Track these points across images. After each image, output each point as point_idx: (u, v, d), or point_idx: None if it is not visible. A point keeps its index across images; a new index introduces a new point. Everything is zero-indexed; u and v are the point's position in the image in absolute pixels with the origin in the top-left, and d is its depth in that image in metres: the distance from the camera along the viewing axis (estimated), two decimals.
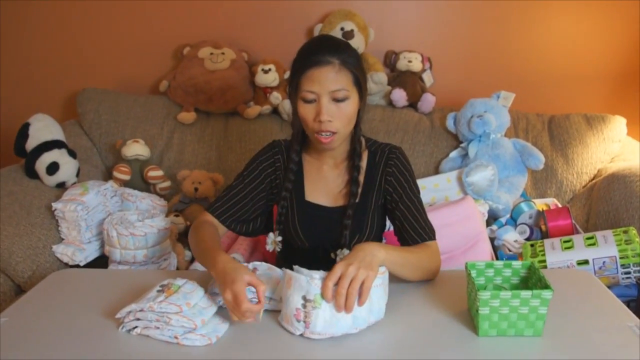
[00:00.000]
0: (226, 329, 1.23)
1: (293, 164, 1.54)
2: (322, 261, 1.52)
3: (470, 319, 1.25)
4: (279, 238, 1.56)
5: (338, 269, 1.18)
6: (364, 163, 1.55)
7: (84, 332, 1.22)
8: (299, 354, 1.15)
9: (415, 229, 1.46)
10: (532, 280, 1.27)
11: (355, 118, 1.47)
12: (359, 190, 1.53)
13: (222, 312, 1.28)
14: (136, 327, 1.21)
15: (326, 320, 1.18)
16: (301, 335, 1.20)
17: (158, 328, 1.19)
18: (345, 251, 1.50)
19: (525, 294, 1.13)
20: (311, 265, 1.26)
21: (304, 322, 1.19)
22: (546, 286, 1.16)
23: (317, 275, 1.20)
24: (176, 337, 1.17)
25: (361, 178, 1.54)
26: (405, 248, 1.42)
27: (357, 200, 1.52)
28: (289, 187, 1.55)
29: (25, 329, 1.24)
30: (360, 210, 1.53)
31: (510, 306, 1.14)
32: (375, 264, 1.21)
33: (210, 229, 1.46)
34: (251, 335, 1.22)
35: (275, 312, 1.28)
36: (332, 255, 1.54)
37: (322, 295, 1.17)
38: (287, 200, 1.57)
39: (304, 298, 1.18)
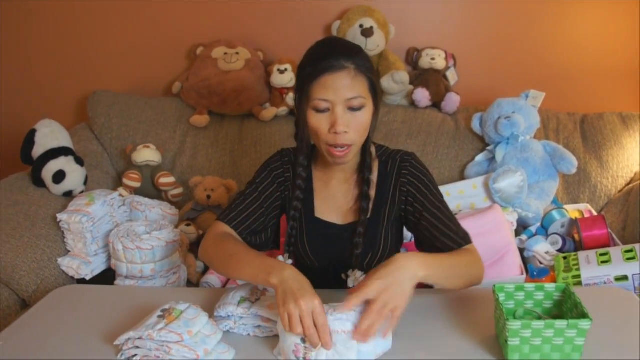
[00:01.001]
0: (232, 359, 1.17)
1: (301, 180, 1.45)
2: (333, 282, 1.45)
3: (498, 347, 1.17)
4: (290, 261, 1.46)
5: (372, 291, 1.10)
6: (374, 175, 1.45)
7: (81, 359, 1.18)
8: None
9: (448, 237, 1.36)
10: (567, 305, 1.18)
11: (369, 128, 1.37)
12: (370, 205, 1.44)
13: (227, 339, 1.21)
14: (136, 355, 1.15)
15: (328, 356, 1.09)
16: None
17: (158, 357, 1.13)
18: (358, 273, 1.41)
19: (561, 324, 1.05)
20: (321, 286, 1.19)
21: (304, 358, 1.11)
22: (583, 314, 1.07)
23: None
24: None
25: (372, 191, 1.44)
26: (446, 256, 1.31)
27: (368, 217, 1.43)
28: (297, 205, 1.46)
29: (22, 353, 1.21)
30: (373, 227, 1.44)
31: (544, 337, 1.06)
32: (411, 290, 1.14)
33: (237, 240, 1.37)
34: None
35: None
36: (343, 276, 1.45)
37: (343, 307, 1.09)
38: (296, 220, 1.48)
39: None
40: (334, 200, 1.48)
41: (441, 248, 1.37)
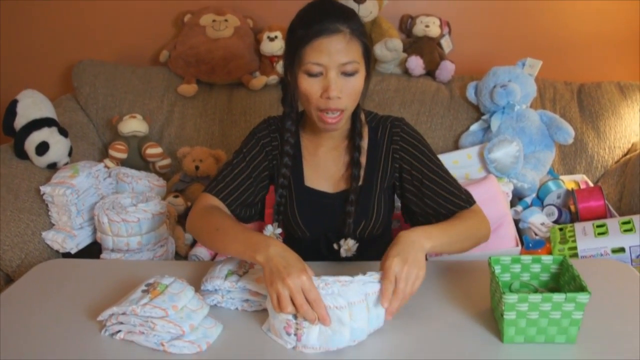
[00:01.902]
0: (219, 334, 1.14)
1: (289, 146, 1.41)
2: (325, 253, 1.43)
3: (493, 321, 1.14)
4: (279, 230, 1.43)
5: (395, 269, 1.10)
6: (364, 141, 1.42)
7: (65, 336, 1.15)
8: None
9: (451, 201, 1.36)
10: (565, 277, 1.15)
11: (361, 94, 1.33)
12: (362, 172, 1.41)
13: (214, 313, 1.18)
14: (120, 331, 1.13)
15: (321, 332, 1.06)
16: (293, 349, 1.09)
17: (143, 333, 1.10)
18: (351, 242, 1.39)
19: (558, 297, 1.02)
20: (313, 258, 1.18)
21: (295, 334, 1.07)
22: (581, 287, 1.05)
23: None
24: (162, 344, 1.09)
25: (362, 158, 1.41)
26: (449, 223, 1.30)
27: (360, 184, 1.41)
28: (286, 173, 1.43)
29: (2, 329, 1.17)
30: (365, 195, 1.42)
31: (541, 311, 1.04)
32: (424, 260, 1.14)
33: (223, 213, 1.33)
34: (247, 339, 1.13)
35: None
36: (335, 246, 1.42)
37: (383, 300, 1.09)
38: (285, 188, 1.44)
39: None
40: (324, 168, 1.45)
41: (446, 214, 1.36)
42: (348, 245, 1.38)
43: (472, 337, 1.10)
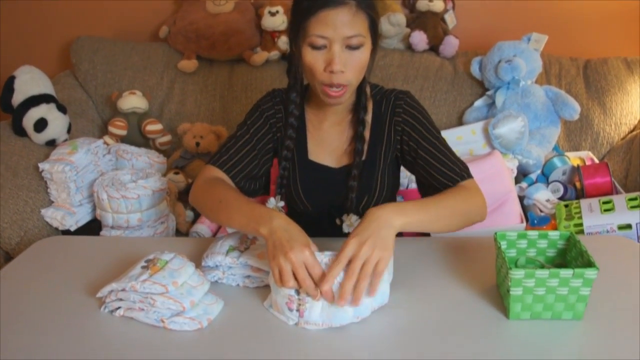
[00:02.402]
0: (220, 310, 1.12)
1: (294, 118, 1.39)
2: (328, 228, 1.40)
3: (499, 298, 1.12)
4: (281, 203, 1.41)
5: (350, 249, 1.04)
6: (368, 116, 1.40)
7: (64, 313, 1.13)
8: (302, 338, 1.04)
9: (443, 173, 1.31)
10: (572, 253, 1.13)
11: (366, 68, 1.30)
12: (365, 147, 1.38)
13: (215, 289, 1.16)
14: (119, 307, 1.11)
15: (323, 308, 1.04)
16: (295, 325, 1.07)
17: (143, 310, 1.09)
18: (353, 217, 1.37)
19: (566, 272, 1.00)
20: (316, 233, 1.15)
21: (298, 310, 1.05)
22: (589, 263, 1.02)
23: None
24: (162, 321, 1.07)
25: (366, 133, 1.39)
26: (432, 199, 1.24)
27: (363, 158, 1.38)
28: (290, 145, 1.40)
29: (1, 307, 1.16)
30: (368, 169, 1.39)
31: (548, 287, 1.02)
32: (391, 239, 1.07)
33: (227, 185, 1.31)
34: (248, 316, 1.11)
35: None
36: (338, 221, 1.40)
37: (321, 286, 1.03)
38: (289, 161, 1.42)
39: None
40: (328, 143, 1.43)
41: (439, 187, 1.32)
42: (350, 221, 1.36)
43: (477, 314, 1.08)
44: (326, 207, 1.44)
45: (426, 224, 1.17)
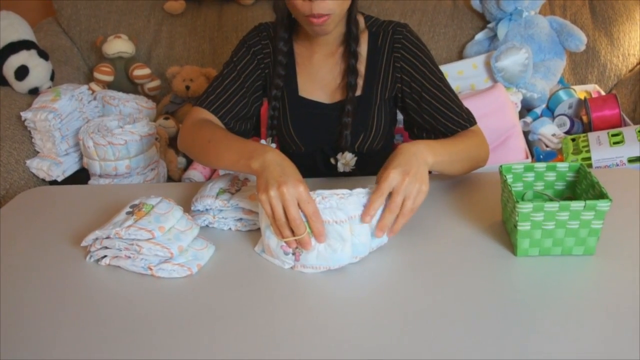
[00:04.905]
0: (211, 255, 1.08)
1: (282, 55, 1.32)
2: (322, 168, 1.37)
3: (505, 234, 1.08)
4: (273, 145, 1.34)
5: (393, 179, 1.01)
6: (363, 48, 1.32)
7: (49, 263, 1.10)
8: (298, 281, 1.01)
9: (451, 119, 1.28)
10: (582, 185, 1.07)
11: None
12: (360, 81, 1.32)
13: (205, 234, 1.12)
14: (105, 256, 1.07)
15: (320, 251, 0.99)
16: (291, 268, 1.03)
17: (129, 257, 1.04)
18: (349, 155, 1.32)
19: (577, 205, 0.94)
20: (310, 174, 1.12)
21: (294, 254, 1.00)
22: (601, 194, 0.97)
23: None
24: (150, 268, 1.03)
25: (361, 67, 1.32)
26: (451, 141, 1.24)
27: (359, 94, 1.32)
28: (279, 84, 1.34)
29: None
30: (364, 105, 1.33)
31: (557, 220, 0.96)
32: (427, 175, 1.06)
33: (216, 125, 1.26)
34: (241, 261, 1.07)
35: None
36: (332, 160, 1.36)
37: (363, 218, 1.00)
38: (279, 100, 1.36)
39: None
40: (319, 77, 1.35)
41: (444, 132, 1.29)
42: (346, 159, 1.32)
43: (482, 251, 1.04)
44: (319, 146, 1.39)
45: (447, 166, 1.17)
